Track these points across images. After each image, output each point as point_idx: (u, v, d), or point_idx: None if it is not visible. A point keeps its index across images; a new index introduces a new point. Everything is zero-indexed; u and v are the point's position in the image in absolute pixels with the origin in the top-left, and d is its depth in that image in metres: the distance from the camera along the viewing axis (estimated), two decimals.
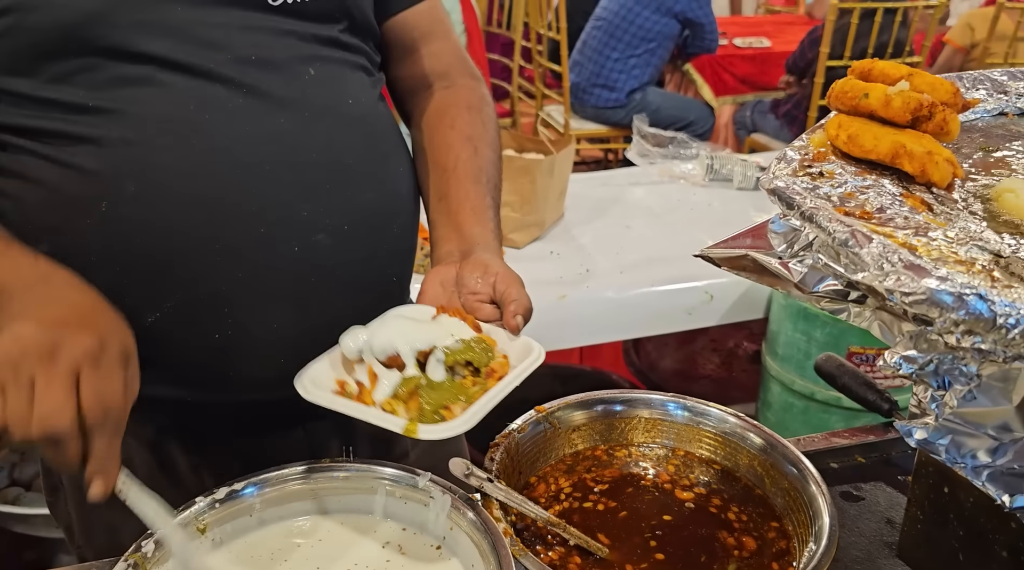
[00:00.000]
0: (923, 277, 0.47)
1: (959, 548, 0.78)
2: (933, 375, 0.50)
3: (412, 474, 0.86)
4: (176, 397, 0.94)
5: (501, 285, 0.89)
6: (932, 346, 0.49)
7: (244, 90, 0.87)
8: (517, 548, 0.78)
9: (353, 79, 0.96)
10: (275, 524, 0.87)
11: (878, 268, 0.49)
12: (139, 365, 0.91)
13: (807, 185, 0.61)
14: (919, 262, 0.48)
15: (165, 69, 0.84)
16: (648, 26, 4.30)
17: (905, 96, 0.70)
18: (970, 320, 0.46)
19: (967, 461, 0.54)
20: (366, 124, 0.96)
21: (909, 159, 0.66)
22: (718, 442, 0.98)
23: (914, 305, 0.48)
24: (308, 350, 0.94)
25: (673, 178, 2.86)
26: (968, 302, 0.46)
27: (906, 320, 0.54)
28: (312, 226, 0.90)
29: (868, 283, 0.50)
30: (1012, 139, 0.83)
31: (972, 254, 0.50)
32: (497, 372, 0.80)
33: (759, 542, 0.87)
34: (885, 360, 0.52)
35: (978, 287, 0.46)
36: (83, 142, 0.84)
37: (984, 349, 0.47)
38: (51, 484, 1.08)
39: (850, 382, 1.19)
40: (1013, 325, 0.45)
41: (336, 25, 0.95)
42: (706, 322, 2.23)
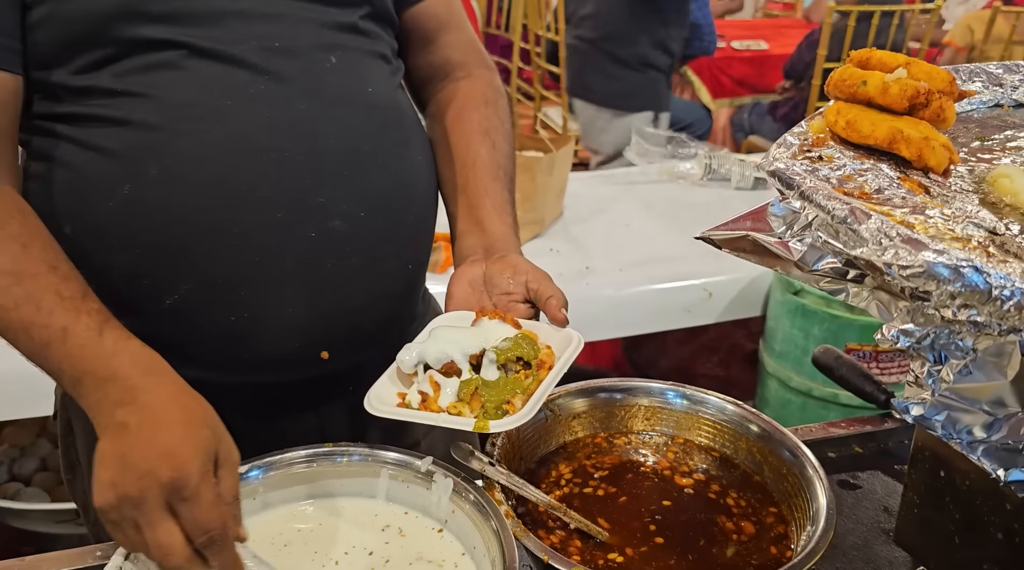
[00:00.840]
0: (921, 251, 0.48)
1: (955, 531, 0.79)
2: (930, 349, 0.51)
3: (415, 458, 0.87)
4: (191, 378, 0.95)
5: (534, 284, 0.92)
6: (929, 320, 0.50)
7: (266, 77, 0.89)
8: (519, 530, 0.78)
9: (373, 67, 0.98)
10: (278, 507, 0.88)
11: (876, 243, 0.50)
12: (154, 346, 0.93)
13: (806, 167, 0.62)
14: (917, 237, 0.49)
15: (192, 56, 0.86)
16: None
17: (902, 83, 0.71)
18: (966, 292, 0.47)
19: (963, 436, 0.55)
20: (384, 112, 0.97)
21: (906, 144, 0.67)
22: (717, 430, 0.99)
23: (911, 279, 0.49)
24: (321, 334, 0.95)
25: (672, 177, 2.87)
26: (964, 274, 0.47)
27: (903, 298, 0.55)
28: (328, 212, 0.91)
29: (867, 258, 0.51)
30: (1007, 128, 0.85)
31: (968, 231, 0.51)
32: (546, 363, 0.86)
33: (758, 527, 0.88)
34: (883, 334, 0.53)
35: (974, 260, 0.47)
36: (109, 124, 0.86)
37: (980, 322, 0.48)
38: (69, 462, 1.09)
39: (847, 374, 1.20)
40: (1008, 297, 0.46)
41: (357, 11, 0.96)
42: (705, 320, 2.24)
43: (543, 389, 0.83)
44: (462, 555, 0.82)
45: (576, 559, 0.82)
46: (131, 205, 0.87)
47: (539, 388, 0.83)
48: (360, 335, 1.00)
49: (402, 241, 1.00)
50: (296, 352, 0.96)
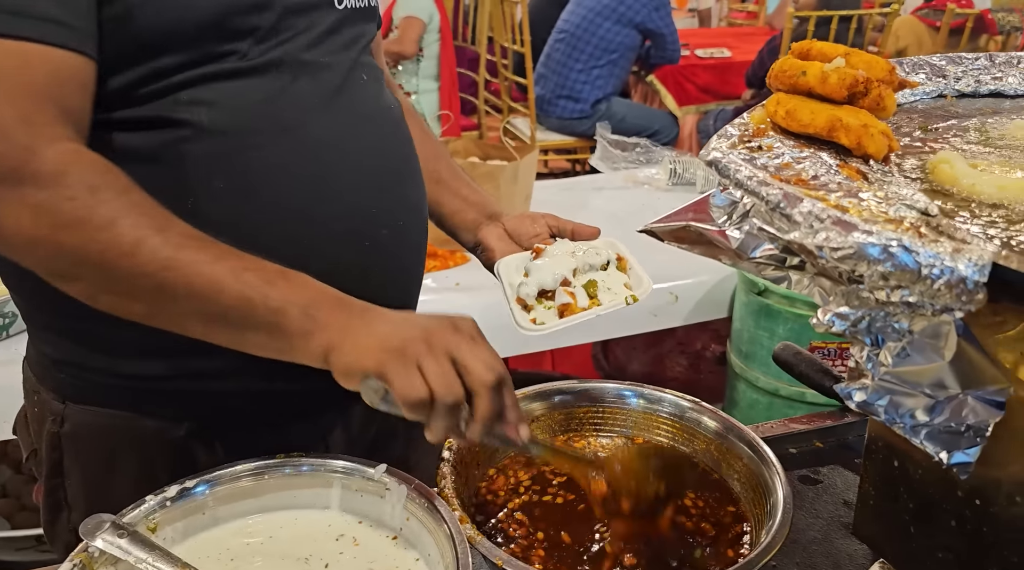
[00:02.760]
0: (851, 232, 0.48)
1: (910, 521, 0.79)
2: (867, 332, 0.51)
3: (367, 466, 0.85)
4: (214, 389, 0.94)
5: (552, 220, 1.07)
6: (864, 302, 0.50)
7: (320, 92, 0.91)
8: (472, 534, 0.77)
9: (386, 88, 1.04)
10: (228, 522, 0.86)
11: (808, 226, 0.50)
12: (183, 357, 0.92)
13: (745, 157, 0.62)
14: (847, 218, 0.49)
15: (259, 68, 0.87)
16: (609, 37, 4.35)
17: (841, 72, 0.71)
18: (897, 272, 0.46)
19: (906, 420, 0.54)
20: (401, 128, 1.03)
21: (845, 132, 0.67)
22: (675, 428, 0.98)
23: (843, 260, 0.48)
24: None
25: (637, 183, 2.88)
26: (894, 254, 0.46)
27: (842, 283, 0.55)
28: (379, 222, 0.95)
29: (799, 241, 0.50)
30: (949, 118, 0.85)
31: (901, 213, 0.51)
32: (620, 258, 1.01)
33: (718, 523, 0.87)
34: (818, 318, 0.52)
35: (903, 239, 0.46)
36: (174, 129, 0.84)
37: (912, 302, 0.47)
38: (55, 502, 1.03)
39: (807, 370, 1.21)
40: (938, 276, 0.45)
41: (372, 31, 1.02)
42: (671, 323, 2.24)
43: (639, 265, 0.99)
44: (416, 561, 0.80)
45: (538, 567, 0.80)
46: (195, 218, 0.82)
47: (635, 267, 0.99)
48: None
49: (422, 248, 1.07)
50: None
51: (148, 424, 0.95)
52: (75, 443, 0.98)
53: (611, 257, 0.99)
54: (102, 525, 0.76)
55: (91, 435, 0.97)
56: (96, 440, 0.97)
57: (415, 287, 1.08)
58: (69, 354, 0.95)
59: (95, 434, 0.97)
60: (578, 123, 4.53)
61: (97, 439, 0.97)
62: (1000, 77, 0.94)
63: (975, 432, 0.54)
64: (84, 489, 1.00)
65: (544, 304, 0.94)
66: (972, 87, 0.92)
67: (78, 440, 0.98)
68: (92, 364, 0.94)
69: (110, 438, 0.97)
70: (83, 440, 0.98)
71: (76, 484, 1.00)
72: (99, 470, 0.98)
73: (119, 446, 0.96)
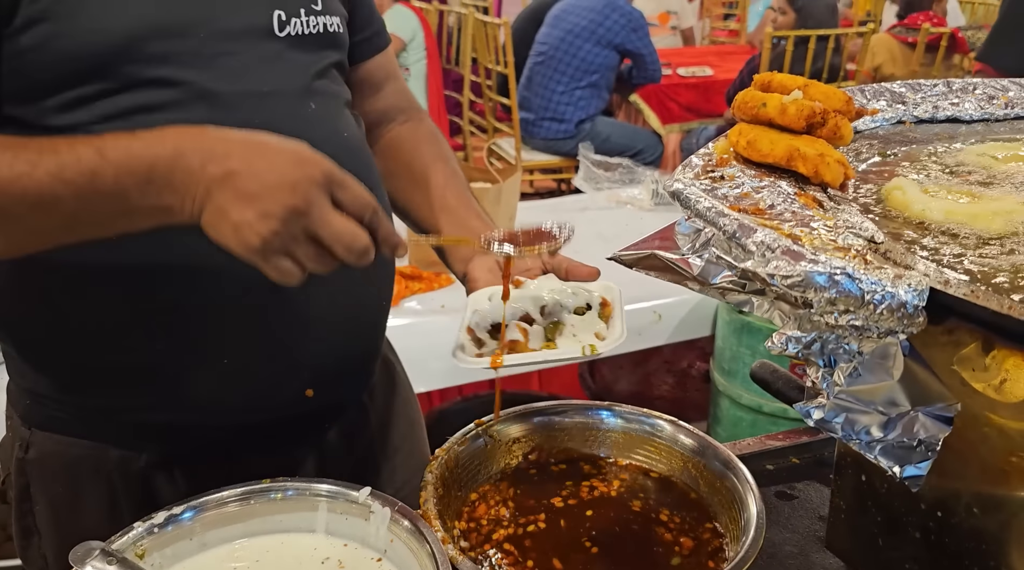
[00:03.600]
0: (799, 261, 0.51)
1: (878, 534, 0.81)
2: (819, 354, 0.54)
3: (351, 489, 0.87)
4: (171, 422, 0.96)
5: (548, 257, 1.01)
6: (815, 326, 0.53)
7: (257, 122, 0.88)
8: (454, 554, 0.79)
9: (343, 114, 1.02)
10: (216, 547, 0.87)
11: (761, 256, 0.53)
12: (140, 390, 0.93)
13: (707, 187, 0.65)
14: (797, 248, 0.52)
15: (187, 98, 0.85)
16: (590, 59, 4.42)
17: (799, 104, 0.75)
18: (842, 298, 0.49)
19: (862, 437, 0.57)
20: (359, 157, 1.01)
21: (803, 161, 0.70)
22: (653, 447, 1.01)
23: (793, 288, 0.51)
24: (308, 371, 0.98)
25: (620, 203, 2.92)
26: (839, 282, 0.49)
27: (799, 307, 0.58)
28: None
29: (753, 269, 0.53)
30: (908, 144, 0.89)
31: (848, 241, 0.54)
32: (605, 303, 0.93)
33: (696, 542, 0.89)
34: (773, 341, 0.55)
35: (847, 268, 0.49)
36: None
37: (859, 326, 0.50)
38: (25, 528, 1.06)
39: (783, 387, 1.23)
40: (880, 301, 0.49)
41: (330, 57, 1.00)
42: (655, 342, 2.27)
43: (621, 316, 0.91)
44: None
45: None
46: (121, 252, 0.85)
47: (615, 315, 0.91)
48: (341, 373, 1.03)
49: (380, 279, 1.05)
50: (282, 391, 0.97)
51: (110, 454, 0.97)
52: (40, 470, 1.01)
53: (593, 301, 0.94)
54: (91, 552, 0.78)
55: (54, 463, 0.99)
56: (59, 468, 0.99)
57: (375, 312, 1.07)
58: (31, 383, 0.98)
59: (58, 462, 0.99)
60: (563, 143, 4.59)
61: (60, 467, 0.99)
62: (957, 103, 0.98)
63: (926, 447, 0.56)
64: (51, 515, 1.02)
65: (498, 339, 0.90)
66: (930, 113, 0.96)
67: (43, 467, 1.00)
68: (49, 393, 0.97)
69: (73, 466, 0.98)
70: (47, 468, 1.00)
71: (44, 510, 1.03)
72: (64, 497, 1.01)
73: (82, 474, 0.98)
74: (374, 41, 1.16)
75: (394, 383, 1.24)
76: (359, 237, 0.75)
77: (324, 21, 0.99)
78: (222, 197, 0.74)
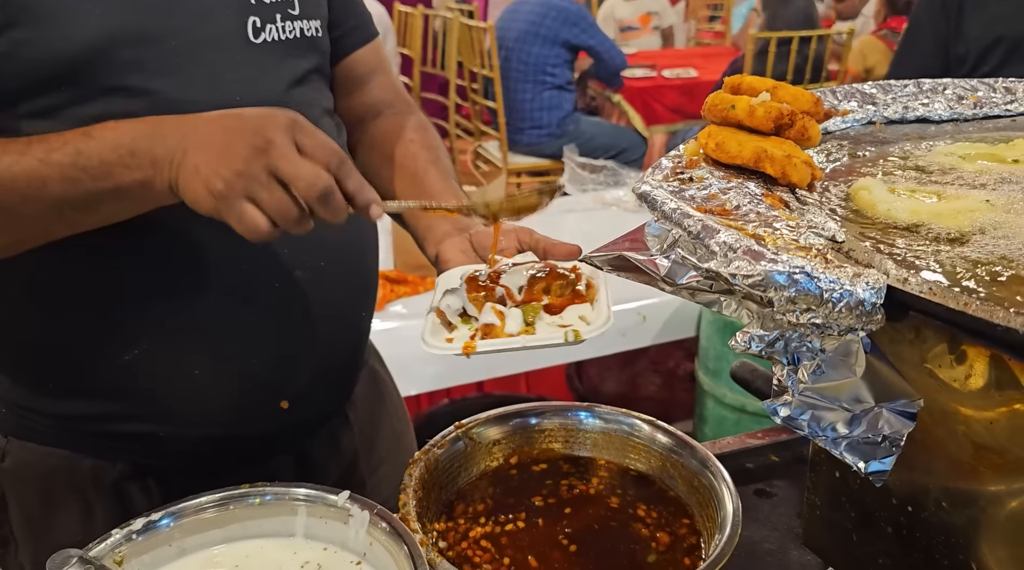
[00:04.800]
0: (759, 261, 0.52)
1: (852, 529, 0.82)
2: (783, 352, 0.55)
3: (330, 493, 0.87)
4: (146, 432, 0.95)
5: (524, 236, 0.94)
6: (777, 324, 0.54)
7: None
8: (432, 556, 0.79)
9: (322, 122, 1.00)
10: (194, 553, 0.87)
11: (723, 256, 0.54)
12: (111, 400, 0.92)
13: (674, 189, 0.66)
14: (758, 248, 0.53)
15: (156, 107, 0.84)
16: (543, 60, 4.44)
17: (767, 106, 0.76)
18: (801, 297, 0.50)
19: (828, 434, 0.58)
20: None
21: (770, 162, 0.71)
22: (631, 446, 1.01)
23: (755, 287, 0.52)
24: (281, 384, 0.97)
25: (605, 205, 2.93)
26: (798, 281, 0.50)
27: (764, 305, 0.59)
28: (293, 263, 0.94)
29: (716, 269, 0.54)
30: (878, 144, 0.90)
31: (810, 240, 0.55)
32: (590, 283, 0.84)
33: (672, 538, 0.90)
34: (736, 340, 0.56)
35: (806, 267, 0.50)
36: None
37: (819, 324, 0.51)
38: (2, 536, 1.06)
39: (763, 386, 1.24)
40: (838, 300, 0.49)
41: (308, 62, 0.98)
42: (640, 343, 2.28)
43: (607, 299, 0.81)
44: None
45: None
46: (86, 261, 0.86)
47: (599, 299, 0.82)
48: (318, 384, 1.02)
49: (358, 290, 1.04)
50: (256, 402, 0.97)
51: (84, 464, 0.98)
52: (14, 479, 1.01)
53: (572, 283, 0.85)
54: (69, 560, 0.78)
55: (29, 472, 1.00)
56: (34, 477, 1.00)
57: (355, 324, 1.06)
58: (5, 391, 0.98)
59: (33, 471, 0.99)
60: (547, 145, 4.60)
61: (35, 476, 1.00)
62: (927, 103, 0.99)
63: (891, 442, 0.57)
64: (26, 524, 1.03)
65: (472, 323, 0.82)
66: (900, 114, 0.97)
67: (17, 476, 1.01)
68: (23, 402, 0.97)
69: (48, 476, 0.99)
70: (22, 476, 1.00)
71: (19, 519, 1.03)
72: (39, 506, 1.01)
73: (56, 484, 0.99)
74: (356, 34, 1.12)
75: (380, 393, 1.23)
76: (321, 176, 0.73)
77: (301, 26, 0.97)
78: (194, 155, 0.75)
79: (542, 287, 0.83)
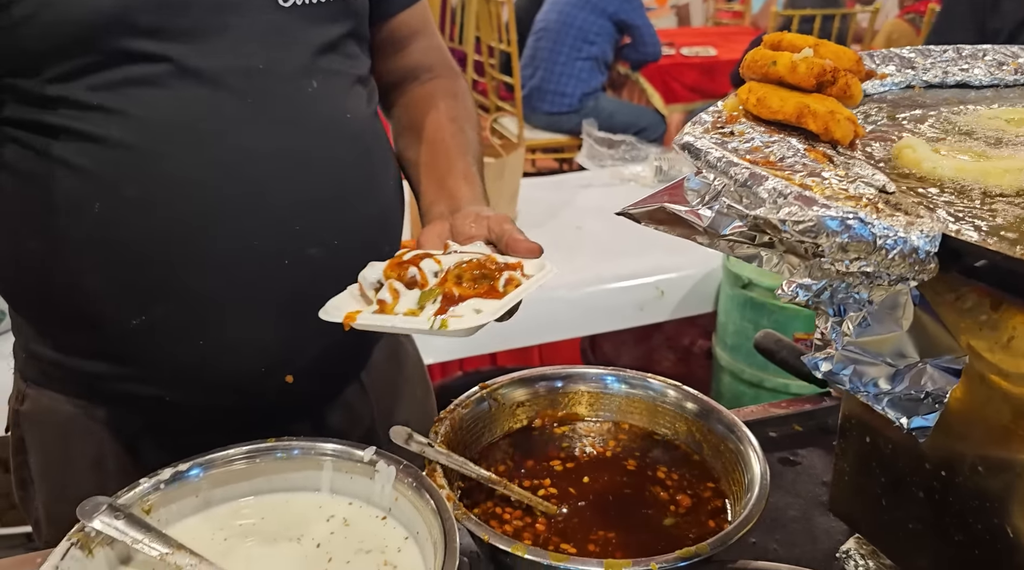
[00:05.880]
0: (811, 206, 0.51)
1: (882, 495, 0.82)
2: (829, 303, 0.54)
3: (356, 448, 0.87)
4: (155, 395, 0.96)
5: (495, 225, 0.89)
6: (825, 273, 0.53)
7: (250, 101, 0.86)
8: (460, 512, 0.79)
9: (351, 93, 0.97)
10: (221, 505, 0.87)
11: (772, 202, 0.53)
12: (120, 363, 0.92)
13: (717, 141, 0.65)
14: (809, 195, 0.52)
15: (176, 73, 0.83)
16: (587, 27, 4.42)
17: (809, 62, 0.74)
18: (854, 244, 0.49)
19: (869, 389, 0.57)
20: (362, 140, 0.97)
21: (813, 118, 0.70)
22: (658, 412, 1.01)
23: (805, 233, 0.51)
24: (287, 358, 0.96)
25: (623, 180, 2.92)
26: (851, 226, 0.49)
27: (808, 258, 0.58)
28: (305, 240, 0.91)
29: (764, 216, 0.53)
30: (917, 107, 0.88)
31: (860, 190, 0.54)
32: (515, 281, 0.81)
33: (695, 500, 0.90)
34: (783, 289, 0.55)
35: (859, 213, 0.49)
36: (81, 139, 0.84)
37: (870, 272, 0.50)
38: (21, 479, 1.08)
39: (787, 356, 1.24)
40: (892, 246, 0.48)
41: (341, 27, 0.95)
42: (657, 317, 2.28)
43: (506, 300, 0.77)
44: (405, 540, 0.82)
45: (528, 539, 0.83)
46: (103, 226, 0.85)
47: (505, 298, 0.77)
48: (326, 361, 1.01)
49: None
50: (261, 376, 0.96)
51: (99, 414, 0.98)
52: (32, 423, 1.03)
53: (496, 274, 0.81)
54: (99, 506, 0.78)
55: (46, 417, 1.01)
56: (51, 423, 1.01)
57: None
58: (26, 339, 1.00)
59: (50, 417, 1.01)
60: (565, 119, 4.57)
61: (52, 422, 1.01)
62: (967, 69, 0.97)
63: (934, 399, 0.56)
64: (42, 467, 1.04)
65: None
66: (939, 78, 0.95)
67: (36, 421, 1.02)
68: (42, 352, 0.98)
69: (64, 423, 1.00)
70: (40, 421, 1.02)
71: (36, 462, 1.05)
72: (54, 451, 1.02)
73: (72, 431, 1.00)
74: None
75: (399, 361, 1.21)
76: None
77: None
78: None
79: (456, 275, 0.80)
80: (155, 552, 0.77)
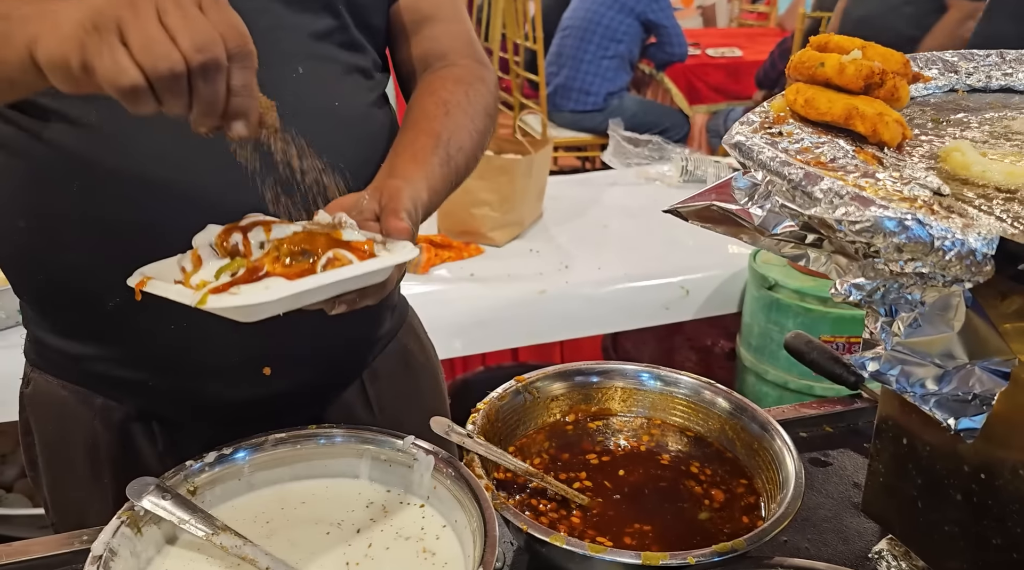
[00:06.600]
0: (868, 207, 0.51)
1: (917, 496, 0.82)
2: (881, 303, 0.54)
3: (396, 438, 0.89)
4: (140, 380, 0.97)
5: (385, 198, 0.82)
6: (879, 274, 0.53)
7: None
8: (498, 502, 0.81)
9: (346, 81, 0.95)
10: (263, 488, 0.89)
11: (828, 202, 0.53)
12: (104, 344, 0.93)
13: (766, 141, 0.66)
14: (865, 195, 0.52)
15: None
16: (614, 26, 4.42)
17: (858, 64, 0.75)
18: (911, 245, 0.50)
19: (916, 389, 0.58)
20: (356, 128, 0.95)
21: (861, 120, 0.70)
22: (691, 409, 1.02)
23: (861, 233, 0.52)
24: (262, 350, 0.96)
25: (649, 179, 2.92)
26: (909, 227, 0.50)
27: (857, 259, 0.58)
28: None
29: (820, 216, 0.54)
30: (961, 111, 0.88)
31: (915, 192, 0.54)
32: (338, 262, 0.73)
33: (728, 496, 0.91)
34: (836, 288, 0.55)
35: (917, 214, 0.50)
36: (62, 120, 0.85)
37: (925, 273, 0.51)
38: (31, 459, 1.11)
39: (818, 357, 1.24)
40: (949, 248, 0.49)
41: (333, 16, 0.93)
42: (682, 316, 2.28)
43: (301, 283, 0.69)
44: (443, 528, 0.84)
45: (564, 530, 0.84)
46: (82, 204, 0.85)
47: (293, 282, 0.69)
48: (307, 355, 1.00)
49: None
50: (237, 366, 0.96)
51: (96, 401, 1.00)
52: (35, 406, 1.05)
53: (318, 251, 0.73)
54: (147, 487, 0.80)
55: (47, 400, 1.03)
56: (50, 406, 1.03)
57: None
58: (28, 320, 1.02)
59: (49, 400, 1.02)
60: (590, 118, 4.57)
61: (51, 405, 1.03)
62: (1011, 73, 0.97)
63: (981, 400, 0.57)
64: (44, 449, 1.06)
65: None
66: (983, 82, 0.95)
67: (38, 403, 1.04)
68: (40, 334, 1.00)
69: (61, 407, 1.01)
70: (41, 404, 1.04)
71: (40, 441, 1.07)
72: (53, 435, 1.04)
73: (68, 416, 1.01)
74: None
75: (410, 371, 1.17)
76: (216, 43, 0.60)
77: None
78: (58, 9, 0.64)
79: (275, 247, 0.74)
80: (201, 532, 0.78)
